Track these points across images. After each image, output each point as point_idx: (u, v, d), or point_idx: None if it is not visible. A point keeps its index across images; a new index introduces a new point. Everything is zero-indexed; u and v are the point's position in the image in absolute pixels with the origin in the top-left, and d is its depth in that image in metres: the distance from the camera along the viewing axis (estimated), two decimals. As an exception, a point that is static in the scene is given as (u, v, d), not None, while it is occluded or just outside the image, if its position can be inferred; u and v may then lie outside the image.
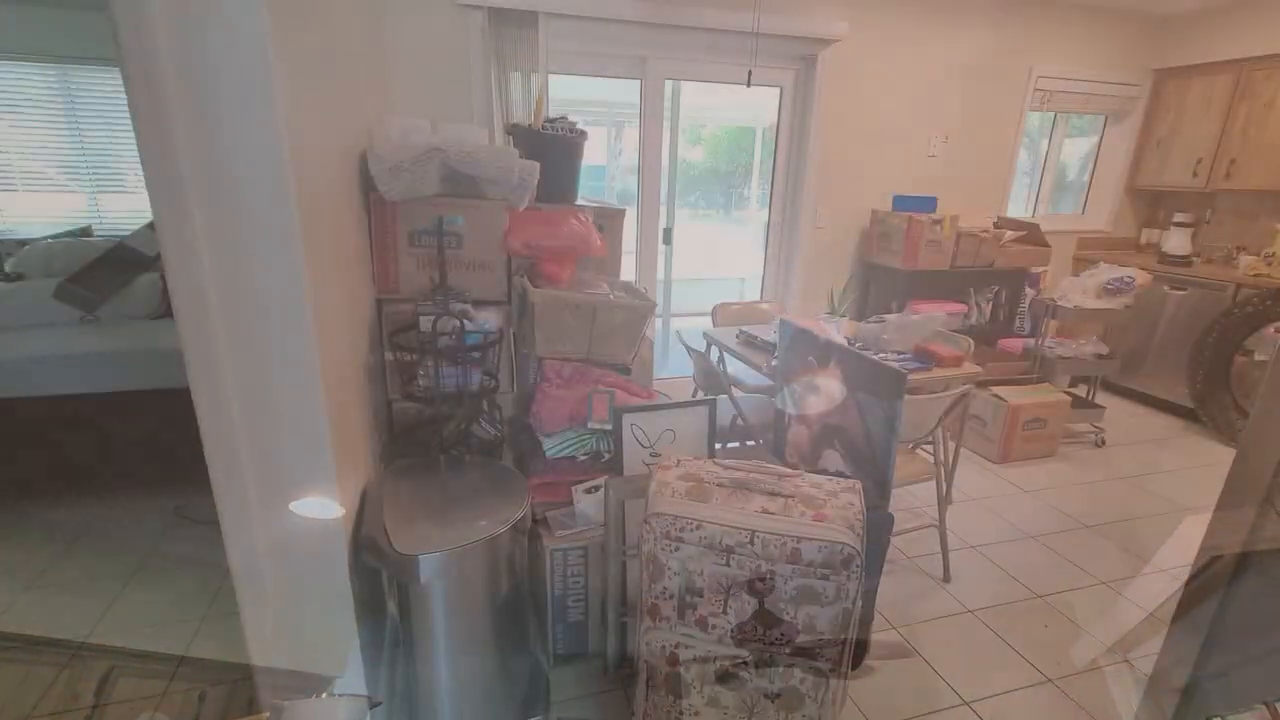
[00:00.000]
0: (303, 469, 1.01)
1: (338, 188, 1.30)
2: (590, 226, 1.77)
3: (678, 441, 1.65)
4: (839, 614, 1.13)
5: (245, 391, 0.95)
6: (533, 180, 1.67)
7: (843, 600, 1.12)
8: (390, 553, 1.12)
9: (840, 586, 1.11)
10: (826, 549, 1.10)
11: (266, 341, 0.94)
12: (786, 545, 1.12)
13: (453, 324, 1.47)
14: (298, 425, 0.99)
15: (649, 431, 1.63)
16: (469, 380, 1.55)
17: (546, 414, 1.64)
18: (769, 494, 1.20)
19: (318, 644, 1.11)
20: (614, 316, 1.68)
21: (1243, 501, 1.15)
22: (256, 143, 0.86)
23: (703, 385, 2.56)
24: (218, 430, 0.94)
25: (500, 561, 1.24)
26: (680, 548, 1.16)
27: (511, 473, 1.43)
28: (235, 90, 0.84)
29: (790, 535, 1.12)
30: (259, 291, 0.91)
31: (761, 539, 1.12)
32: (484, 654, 1.29)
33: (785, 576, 1.12)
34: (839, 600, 1.12)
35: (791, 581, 1.12)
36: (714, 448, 1.70)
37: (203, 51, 0.81)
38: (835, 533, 1.11)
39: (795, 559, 1.12)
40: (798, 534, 1.12)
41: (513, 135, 1.94)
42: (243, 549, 1.00)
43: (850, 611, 1.14)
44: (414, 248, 1.62)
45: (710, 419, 1.67)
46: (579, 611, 1.61)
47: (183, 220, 0.86)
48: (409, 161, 1.49)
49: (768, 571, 1.13)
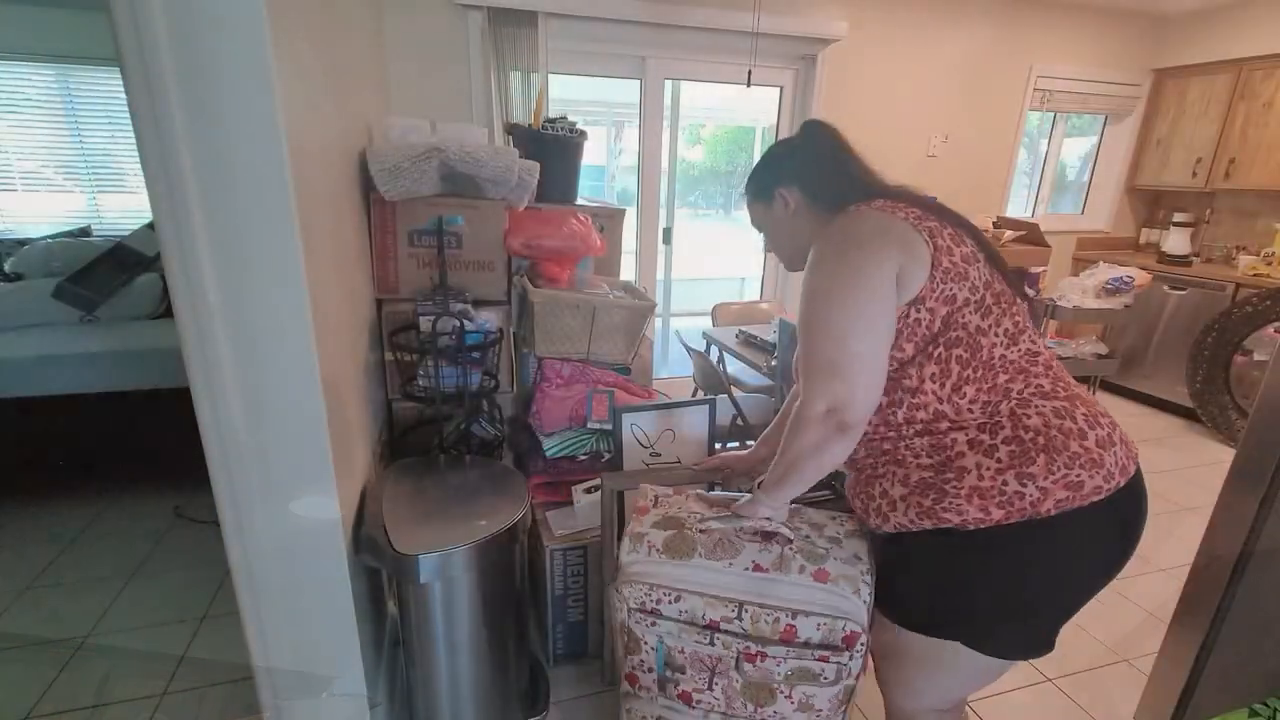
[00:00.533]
0: (302, 468, 1.01)
1: (337, 188, 1.29)
2: (590, 226, 1.77)
3: (677, 441, 1.65)
4: (840, 692, 0.99)
5: (245, 391, 0.94)
6: (533, 180, 1.67)
7: (845, 680, 0.98)
8: (390, 552, 1.12)
9: (841, 668, 0.96)
10: (827, 626, 0.95)
11: (266, 341, 0.94)
12: (780, 622, 0.96)
13: (452, 324, 1.47)
14: (297, 425, 0.98)
15: (649, 431, 1.63)
16: (469, 380, 1.55)
17: (546, 414, 1.64)
18: (762, 537, 1.04)
19: (318, 644, 1.11)
20: (613, 316, 1.68)
21: (1242, 502, 1.15)
22: (256, 142, 0.86)
23: (703, 385, 2.56)
24: (217, 430, 0.94)
25: (500, 561, 1.24)
26: (657, 623, 1.01)
27: (511, 472, 1.43)
28: (235, 90, 0.83)
29: (784, 608, 0.96)
30: (259, 291, 0.91)
31: (751, 613, 0.97)
32: (484, 654, 1.28)
33: (778, 658, 0.97)
34: (840, 680, 0.97)
35: (786, 663, 0.97)
36: (714, 447, 1.70)
37: (202, 51, 0.81)
38: (838, 598, 0.95)
39: (790, 638, 0.96)
40: (793, 605, 0.96)
41: (512, 135, 1.94)
42: (242, 548, 1.00)
43: (854, 688, 1.00)
44: (413, 247, 1.62)
45: (710, 418, 1.67)
46: (579, 612, 1.61)
47: (182, 220, 0.86)
48: (408, 161, 1.49)
49: (758, 653, 0.97)
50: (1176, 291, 3.52)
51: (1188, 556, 1.26)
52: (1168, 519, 2.48)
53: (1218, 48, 3.58)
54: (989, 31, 3.50)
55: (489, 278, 1.69)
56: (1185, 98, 3.76)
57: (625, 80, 3.11)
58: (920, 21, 3.36)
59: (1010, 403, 0.90)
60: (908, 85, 3.45)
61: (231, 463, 0.96)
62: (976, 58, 3.53)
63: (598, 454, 1.70)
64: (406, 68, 2.68)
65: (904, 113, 3.50)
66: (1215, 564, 1.19)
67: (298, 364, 0.96)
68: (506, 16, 2.64)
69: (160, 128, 0.82)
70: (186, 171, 0.84)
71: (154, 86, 0.80)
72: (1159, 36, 3.84)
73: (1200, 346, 3.24)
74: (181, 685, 1.55)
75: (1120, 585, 2.06)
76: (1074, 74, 3.73)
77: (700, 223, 3.50)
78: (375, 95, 2.14)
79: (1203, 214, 3.91)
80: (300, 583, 1.06)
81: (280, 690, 1.10)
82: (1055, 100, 3.79)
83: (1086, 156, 4.25)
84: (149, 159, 0.83)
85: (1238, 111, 3.49)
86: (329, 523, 1.05)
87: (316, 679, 1.12)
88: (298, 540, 1.04)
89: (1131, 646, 1.79)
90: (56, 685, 1.55)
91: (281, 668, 1.09)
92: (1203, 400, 3.28)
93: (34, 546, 2.07)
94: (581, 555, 1.56)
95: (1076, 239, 4.16)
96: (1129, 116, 4.01)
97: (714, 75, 3.19)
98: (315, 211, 1.08)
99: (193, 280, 0.88)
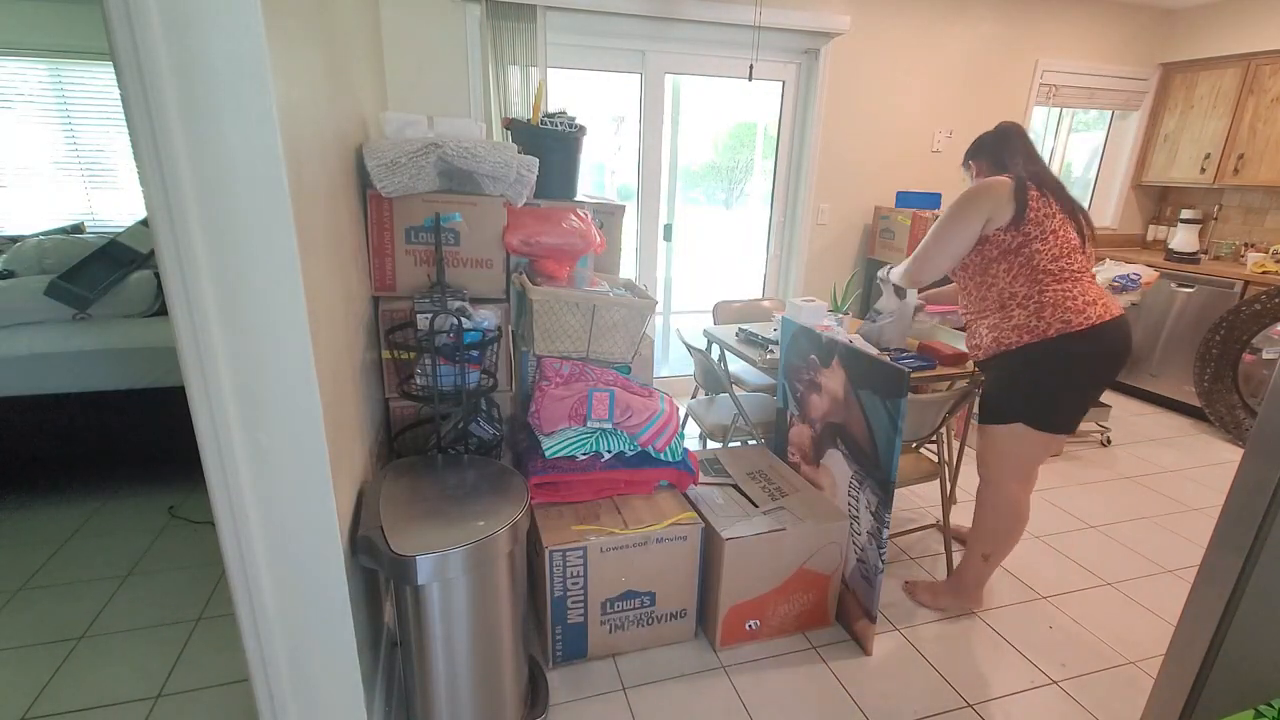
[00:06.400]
0: (298, 468, 0.99)
1: (334, 184, 1.27)
2: (590, 223, 1.75)
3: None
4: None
5: (240, 389, 0.93)
6: (532, 176, 1.65)
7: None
8: (387, 554, 1.11)
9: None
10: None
11: (261, 339, 0.92)
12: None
13: (450, 322, 1.45)
14: (294, 424, 0.97)
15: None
16: (467, 379, 1.53)
17: (545, 413, 1.62)
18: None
19: (314, 646, 1.09)
20: (613, 314, 1.66)
21: (1251, 502, 1.13)
22: (251, 138, 0.84)
23: (704, 384, 2.54)
24: (212, 429, 0.93)
25: (499, 562, 1.23)
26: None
27: (510, 472, 1.41)
28: (230, 84, 0.82)
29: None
30: (254, 289, 0.90)
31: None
32: (482, 656, 1.27)
33: None
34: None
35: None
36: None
37: (197, 44, 0.80)
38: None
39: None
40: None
41: (511, 131, 1.92)
42: (238, 549, 0.99)
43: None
44: (411, 245, 1.60)
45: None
46: (579, 613, 1.60)
47: (176, 216, 0.84)
48: (406, 157, 1.47)
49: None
50: (1184, 289, 3.49)
51: (1195, 558, 1.24)
52: (1175, 520, 2.46)
53: (1226, 41, 3.54)
54: (993, 25, 3.47)
55: (487, 275, 1.67)
56: (1193, 92, 3.73)
57: (625, 75, 3.08)
58: (924, 15, 3.32)
59: (1039, 285, 1.60)
60: (911, 80, 3.42)
61: (227, 462, 0.95)
62: (981, 52, 3.50)
63: (598, 454, 1.68)
64: (404, 62, 2.66)
65: (908, 108, 3.47)
66: (1222, 565, 1.17)
67: (294, 362, 0.94)
68: (505, 10, 2.61)
69: (154, 123, 0.80)
70: (181, 167, 0.83)
71: (148, 80, 0.79)
72: (1166, 30, 3.80)
73: (1208, 345, 3.21)
74: (177, 688, 1.54)
75: (1126, 587, 2.04)
76: (1080, 68, 3.69)
77: (701, 219, 3.48)
78: (372, 90, 2.12)
79: (1211, 210, 3.88)
80: (296, 584, 1.05)
81: (276, 693, 1.09)
82: (1061, 95, 3.75)
83: (1093, 153, 4.21)
84: (143, 154, 0.81)
85: (1246, 106, 3.46)
86: (325, 523, 1.03)
87: (313, 681, 1.11)
88: (294, 541, 1.02)
89: (1138, 649, 1.77)
90: (50, 687, 1.53)
91: (277, 670, 1.07)
92: (1211, 399, 3.25)
93: (27, 547, 2.06)
94: (581, 556, 1.54)
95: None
96: (1136, 112, 3.98)
97: (715, 70, 3.16)
98: (311, 208, 1.06)
99: (187, 278, 0.86)
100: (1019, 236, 1.59)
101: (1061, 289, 1.58)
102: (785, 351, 2.05)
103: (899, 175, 3.58)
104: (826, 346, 1.82)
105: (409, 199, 1.55)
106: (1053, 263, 1.59)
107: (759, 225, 3.63)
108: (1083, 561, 2.16)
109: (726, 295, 2.86)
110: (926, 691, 1.60)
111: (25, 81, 2.93)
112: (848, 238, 3.61)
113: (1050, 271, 1.59)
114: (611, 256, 2.05)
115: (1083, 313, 1.55)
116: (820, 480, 1.90)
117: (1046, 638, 1.80)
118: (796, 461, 2.03)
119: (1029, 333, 1.59)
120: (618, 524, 1.60)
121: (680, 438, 1.74)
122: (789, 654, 1.71)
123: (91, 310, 2.19)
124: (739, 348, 2.25)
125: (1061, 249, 1.59)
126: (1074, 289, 1.58)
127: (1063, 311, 1.56)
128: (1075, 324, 1.55)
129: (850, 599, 1.78)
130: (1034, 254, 1.59)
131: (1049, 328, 1.56)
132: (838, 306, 2.87)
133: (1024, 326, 1.60)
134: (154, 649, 1.63)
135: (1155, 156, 3.97)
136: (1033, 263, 1.59)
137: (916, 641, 1.77)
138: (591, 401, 1.61)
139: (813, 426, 1.93)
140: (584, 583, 1.57)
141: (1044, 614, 1.90)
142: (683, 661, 1.67)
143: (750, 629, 1.72)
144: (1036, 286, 1.59)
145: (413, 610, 1.19)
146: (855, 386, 1.70)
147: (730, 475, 1.93)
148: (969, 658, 1.72)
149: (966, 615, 1.88)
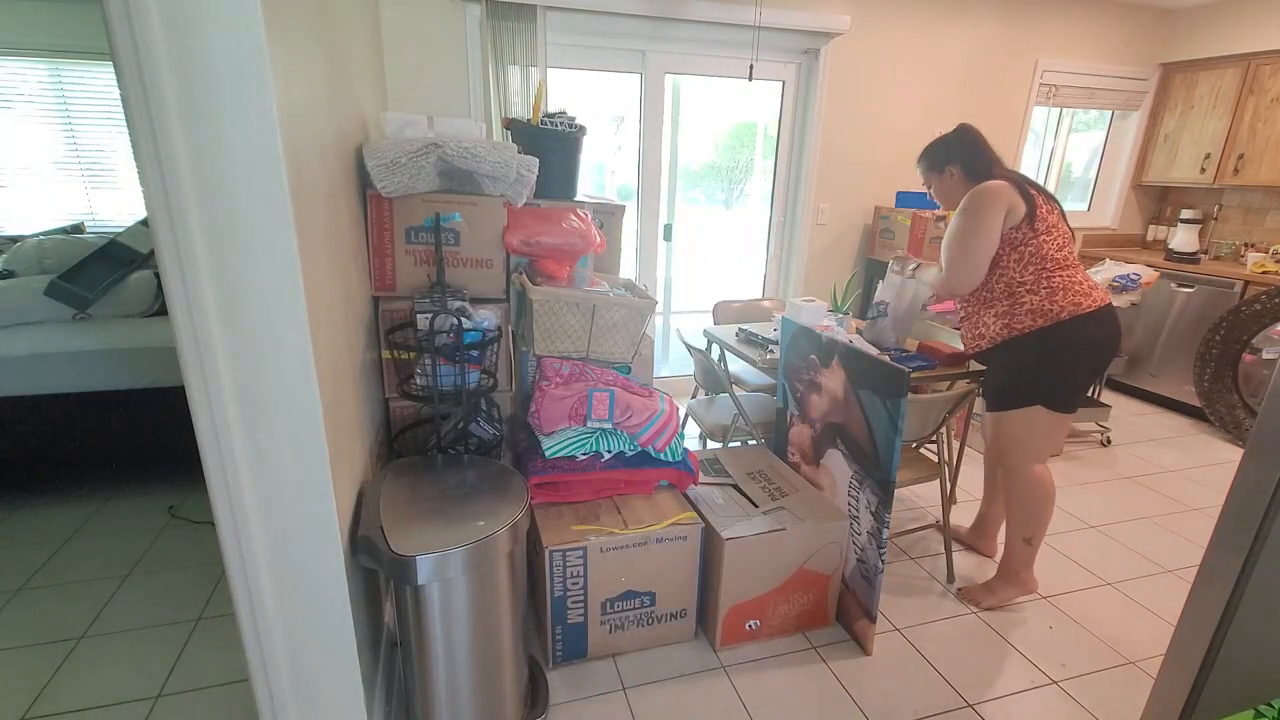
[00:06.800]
0: (298, 468, 0.99)
1: (334, 184, 1.27)
2: (590, 223, 1.75)
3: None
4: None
5: (240, 389, 0.93)
6: (531, 176, 1.65)
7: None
8: (387, 553, 1.11)
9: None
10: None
11: (261, 339, 0.92)
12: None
13: (450, 322, 1.45)
14: (294, 424, 0.97)
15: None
16: (467, 379, 1.53)
17: (545, 413, 1.62)
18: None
19: (314, 646, 1.09)
20: (613, 314, 1.66)
21: (1251, 502, 1.13)
22: (252, 138, 0.84)
23: (704, 384, 2.54)
24: (212, 429, 0.93)
25: (499, 562, 1.23)
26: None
27: (510, 472, 1.41)
28: (230, 84, 0.82)
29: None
30: (254, 289, 0.90)
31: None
32: (482, 656, 1.27)
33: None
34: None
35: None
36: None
37: (197, 44, 0.80)
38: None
39: None
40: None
41: (511, 131, 1.91)
42: (238, 549, 0.99)
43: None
44: (411, 245, 1.60)
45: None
46: (579, 613, 1.60)
47: (176, 216, 0.84)
48: (406, 157, 1.47)
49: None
50: (1184, 289, 3.49)
51: (1195, 558, 1.24)
52: (1175, 520, 2.46)
53: (1226, 41, 3.54)
54: (993, 25, 3.46)
55: (487, 275, 1.67)
56: (1193, 92, 3.73)
57: (626, 74, 3.08)
58: (924, 14, 3.32)
59: (1047, 272, 1.69)
60: (911, 80, 3.42)
61: (227, 462, 0.95)
62: (981, 52, 3.49)
63: (598, 454, 1.68)
64: (404, 62, 2.66)
65: (908, 108, 3.47)
66: (1222, 565, 1.17)
67: (294, 362, 0.94)
68: (505, 10, 2.61)
69: (154, 123, 0.80)
70: (181, 167, 0.83)
71: (148, 80, 0.79)
72: (1166, 30, 3.80)
73: (1208, 345, 3.21)
74: (177, 687, 1.54)
75: (1126, 587, 2.04)
76: (1080, 68, 3.69)
77: (701, 219, 3.48)
78: (372, 90, 2.12)
79: (1211, 210, 3.87)
80: (296, 584, 1.05)
81: (276, 693, 1.09)
82: (1061, 95, 3.75)
83: (1093, 152, 4.21)
84: (143, 154, 0.81)
85: (1246, 106, 3.45)
86: (325, 523, 1.03)
87: (313, 681, 1.11)
88: (294, 541, 1.02)
89: (1138, 649, 1.77)
90: (50, 687, 1.53)
91: (277, 670, 1.07)
92: (1211, 399, 3.25)
93: (27, 547, 2.06)
94: (581, 556, 1.54)
95: (1083, 236, 4.13)
96: (1136, 112, 3.97)
97: (715, 70, 3.16)
98: (311, 208, 1.06)
99: (187, 278, 0.86)
100: (1029, 232, 1.68)
101: (1067, 275, 1.70)
102: (785, 351, 2.05)
103: (899, 175, 3.57)
104: (826, 346, 1.82)
105: (409, 199, 1.55)
106: (1058, 252, 1.70)
107: (759, 225, 3.62)
108: (1083, 561, 2.16)
109: (726, 295, 2.86)
110: (926, 691, 1.60)
111: (25, 81, 2.93)
112: (848, 238, 3.61)
113: (1056, 260, 1.70)
114: (611, 256, 2.05)
115: (1089, 295, 1.68)
116: (820, 480, 1.90)
117: (1046, 638, 1.80)
118: (796, 461, 2.03)
119: (1043, 316, 1.68)
120: (618, 524, 1.60)
121: (680, 438, 1.74)
122: (789, 654, 1.71)
123: (91, 310, 2.19)
124: (739, 348, 2.25)
125: (1062, 240, 1.72)
126: (1077, 275, 1.71)
127: (1073, 295, 1.67)
128: (1085, 306, 1.67)
129: (850, 599, 1.78)
130: (1041, 245, 1.69)
131: (1062, 310, 1.67)
132: (838, 306, 2.87)
133: (1037, 310, 1.69)
134: (154, 649, 1.63)
135: (1155, 156, 3.97)
136: (1041, 252, 1.69)
137: (916, 641, 1.77)
138: (591, 401, 1.61)
139: (813, 426, 1.93)
140: (584, 583, 1.57)
141: (1044, 614, 1.90)
142: (683, 661, 1.67)
143: (750, 629, 1.72)
144: (1044, 273, 1.69)
145: (413, 610, 1.19)
146: (855, 386, 1.70)
147: (730, 475, 1.93)
148: (969, 658, 1.72)
149: (967, 615, 1.88)
